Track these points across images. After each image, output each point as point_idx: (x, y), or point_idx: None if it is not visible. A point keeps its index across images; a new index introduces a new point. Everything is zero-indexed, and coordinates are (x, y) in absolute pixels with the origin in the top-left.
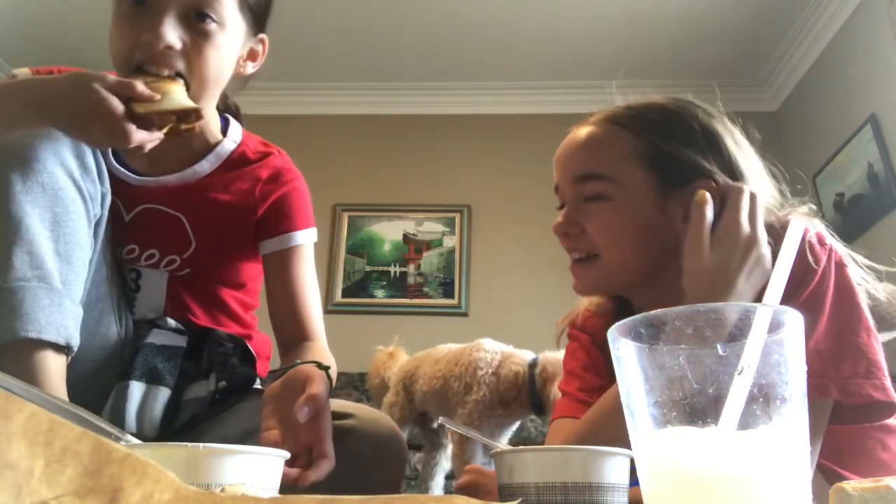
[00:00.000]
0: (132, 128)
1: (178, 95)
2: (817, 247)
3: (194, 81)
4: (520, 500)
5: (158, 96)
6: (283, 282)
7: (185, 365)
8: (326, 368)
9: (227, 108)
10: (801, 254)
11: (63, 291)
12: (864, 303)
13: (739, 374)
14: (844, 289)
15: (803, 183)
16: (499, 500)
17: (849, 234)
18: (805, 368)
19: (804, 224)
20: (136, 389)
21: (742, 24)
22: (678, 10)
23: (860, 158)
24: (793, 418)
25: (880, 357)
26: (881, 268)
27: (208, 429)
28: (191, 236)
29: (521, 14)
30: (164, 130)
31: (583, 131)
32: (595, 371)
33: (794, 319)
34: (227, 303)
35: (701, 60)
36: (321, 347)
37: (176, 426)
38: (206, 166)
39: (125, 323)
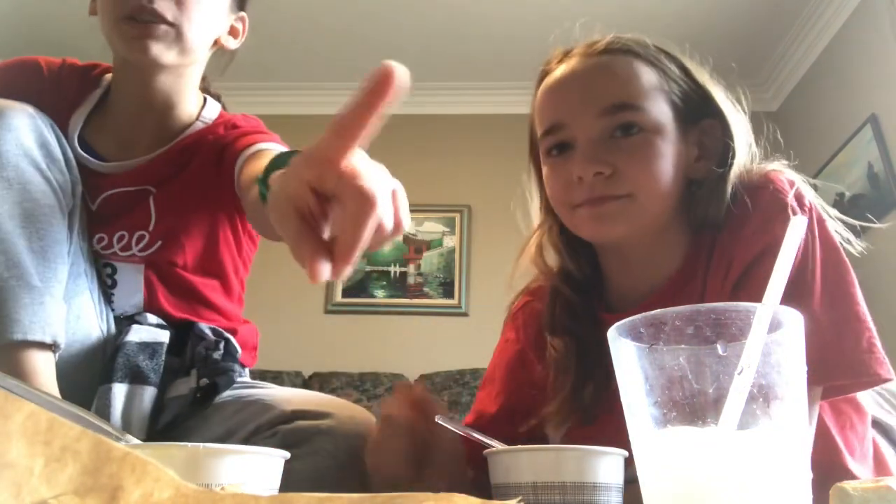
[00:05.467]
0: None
1: None
2: (798, 210)
3: (185, 27)
4: (518, 499)
5: None
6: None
7: (168, 361)
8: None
9: (206, 92)
10: (781, 216)
11: (43, 289)
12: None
13: (739, 374)
14: (831, 250)
15: None
16: (495, 500)
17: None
18: (805, 368)
19: (805, 221)
20: (119, 392)
21: (742, 24)
22: (677, 9)
23: (860, 158)
24: (793, 418)
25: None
26: (856, 222)
27: (192, 427)
28: (151, 204)
29: (520, 14)
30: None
31: (600, 61)
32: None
33: (795, 319)
34: (205, 294)
35: (701, 60)
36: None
37: (158, 426)
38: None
39: (106, 318)
